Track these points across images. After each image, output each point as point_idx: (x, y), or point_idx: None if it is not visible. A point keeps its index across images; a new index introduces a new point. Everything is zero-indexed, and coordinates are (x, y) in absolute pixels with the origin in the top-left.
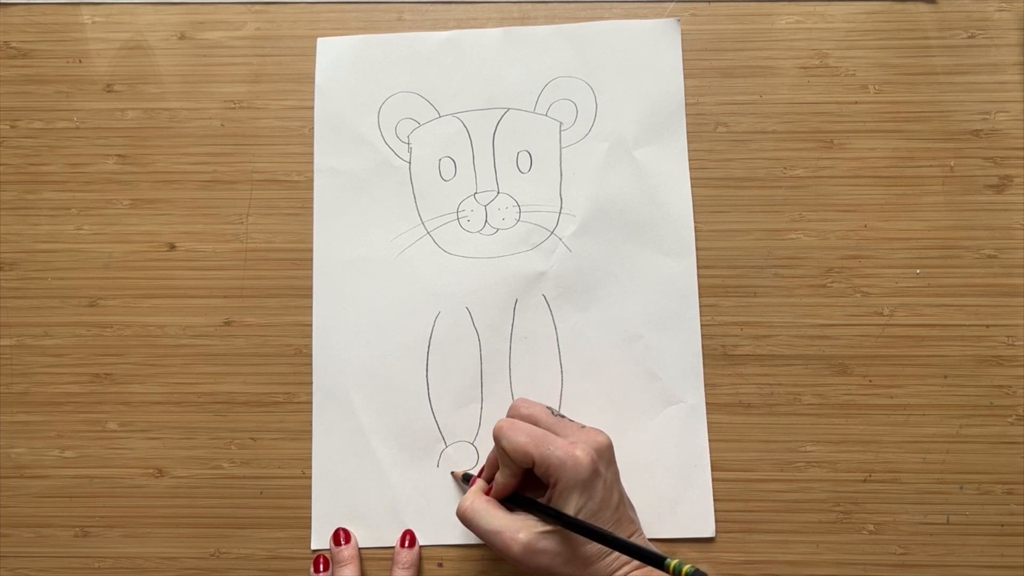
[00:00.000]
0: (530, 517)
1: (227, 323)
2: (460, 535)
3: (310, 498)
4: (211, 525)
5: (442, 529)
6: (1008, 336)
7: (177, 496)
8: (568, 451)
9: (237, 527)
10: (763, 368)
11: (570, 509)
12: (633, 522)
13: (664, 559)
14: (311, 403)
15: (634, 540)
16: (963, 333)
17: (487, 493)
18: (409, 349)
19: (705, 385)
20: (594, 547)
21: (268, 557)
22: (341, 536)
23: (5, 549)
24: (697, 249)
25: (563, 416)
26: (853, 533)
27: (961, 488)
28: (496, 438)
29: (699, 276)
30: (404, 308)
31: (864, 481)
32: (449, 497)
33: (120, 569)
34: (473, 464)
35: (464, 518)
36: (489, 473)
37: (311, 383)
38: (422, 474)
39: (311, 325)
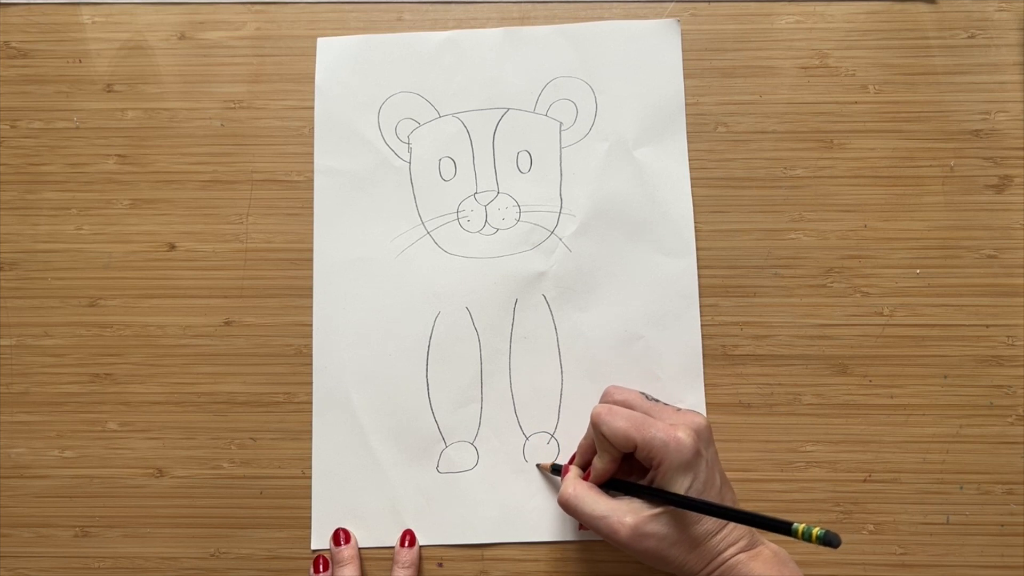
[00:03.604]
0: (635, 501)
1: (227, 323)
2: (460, 535)
3: (310, 498)
4: (211, 525)
5: (442, 529)
6: (1008, 336)
7: (177, 496)
8: (670, 433)
9: (237, 527)
10: (763, 368)
11: (676, 490)
12: (735, 503)
13: (791, 524)
14: (311, 403)
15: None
16: (963, 333)
17: (584, 479)
18: (409, 349)
19: (705, 385)
20: (701, 528)
21: (268, 557)
22: (341, 536)
23: (5, 549)
24: (697, 249)
25: (657, 400)
26: (853, 533)
27: (961, 488)
28: (595, 424)
29: (699, 276)
30: (404, 308)
31: (864, 481)
32: (449, 497)
33: (120, 569)
34: (473, 464)
35: (568, 505)
36: (582, 460)
37: (311, 383)
38: (422, 474)
39: (311, 325)
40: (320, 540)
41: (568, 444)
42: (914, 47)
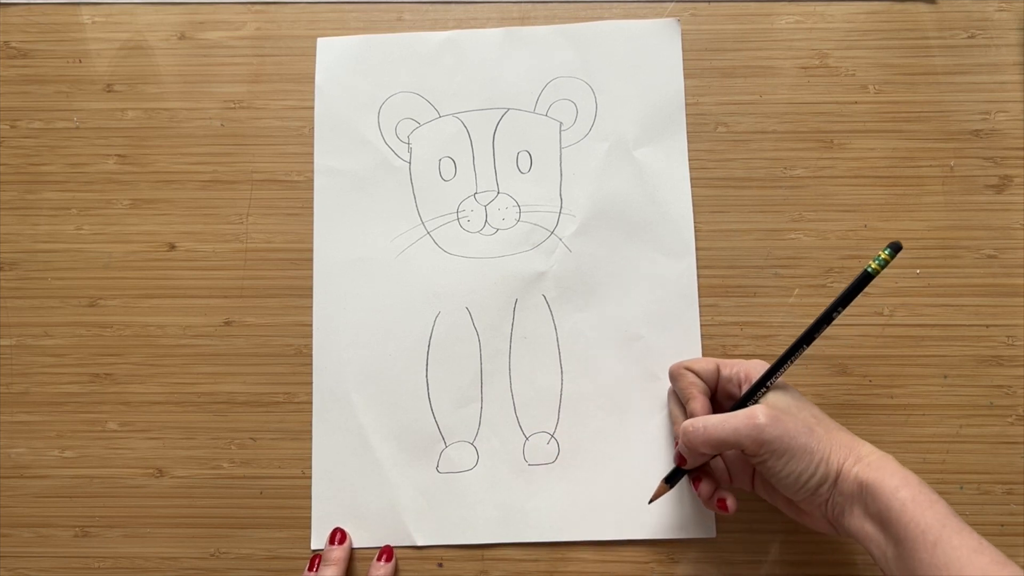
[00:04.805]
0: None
1: (227, 323)
2: (460, 535)
3: (310, 498)
4: (211, 525)
5: (442, 529)
6: (1008, 336)
7: (177, 496)
8: (741, 360)
9: (237, 527)
10: None
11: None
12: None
13: (866, 270)
14: (311, 403)
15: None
16: (963, 333)
17: None
18: (409, 349)
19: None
20: (818, 414)
21: (268, 557)
22: (336, 536)
23: (5, 549)
24: (697, 249)
25: None
26: None
27: (961, 488)
28: (676, 370)
29: (699, 276)
30: (404, 308)
31: None
32: (449, 497)
33: (120, 569)
34: (473, 464)
35: (700, 432)
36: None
37: (311, 383)
38: (422, 474)
39: (311, 325)
40: (320, 540)
41: (568, 444)
42: (914, 47)
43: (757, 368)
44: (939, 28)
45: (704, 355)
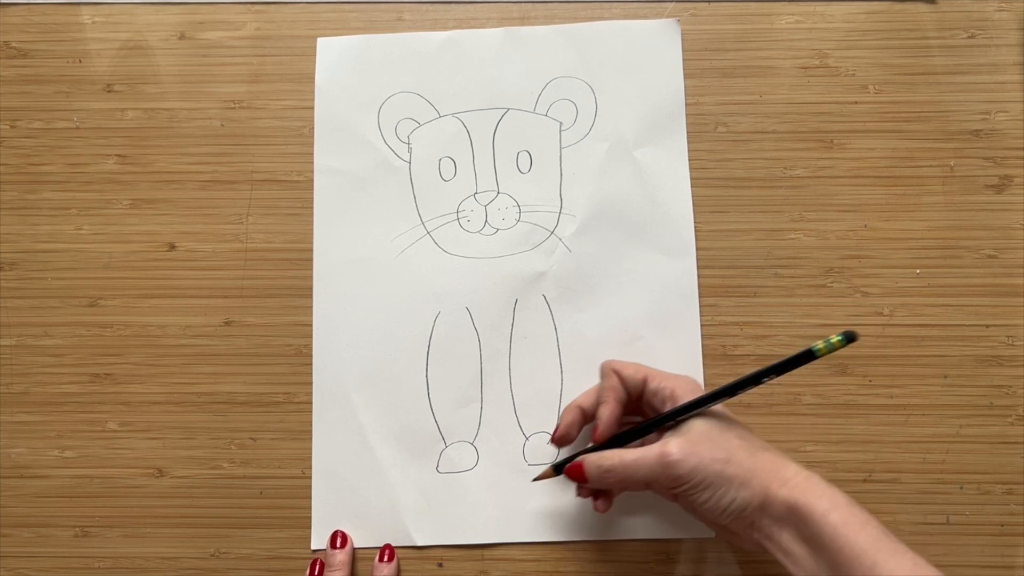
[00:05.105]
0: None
1: (227, 323)
2: (460, 535)
3: (310, 498)
4: (211, 525)
5: (442, 529)
6: (1008, 336)
7: (177, 496)
8: (675, 375)
9: (237, 527)
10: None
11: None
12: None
13: (811, 349)
14: (311, 403)
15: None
16: (963, 333)
17: (594, 435)
18: (409, 349)
19: (705, 385)
20: (742, 438)
21: (268, 557)
22: (337, 539)
23: (5, 549)
24: (697, 249)
25: None
26: None
27: (961, 488)
28: (606, 368)
29: (699, 276)
30: (404, 308)
31: (864, 481)
32: (449, 497)
33: (120, 569)
34: (473, 464)
35: (619, 472)
36: (571, 419)
37: (311, 383)
38: (422, 474)
39: (311, 325)
40: (320, 540)
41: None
42: (914, 47)
43: (684, 387)
44: (939, 28)
45: (704, 356)
